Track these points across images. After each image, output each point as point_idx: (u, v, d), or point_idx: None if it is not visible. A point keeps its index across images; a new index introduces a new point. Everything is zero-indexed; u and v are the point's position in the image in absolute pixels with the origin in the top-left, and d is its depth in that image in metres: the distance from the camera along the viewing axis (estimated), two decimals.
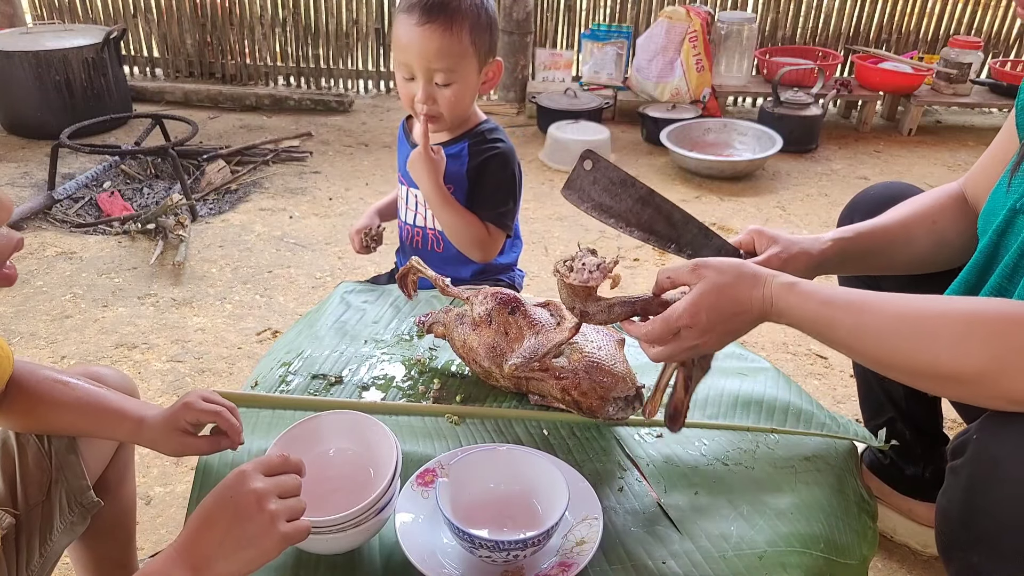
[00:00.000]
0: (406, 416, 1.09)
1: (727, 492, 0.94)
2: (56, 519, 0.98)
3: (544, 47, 4.39)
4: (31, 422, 0.96)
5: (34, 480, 0.96)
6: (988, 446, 0.79)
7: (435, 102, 1.36)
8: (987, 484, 0.78)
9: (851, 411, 1.88)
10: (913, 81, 3.91)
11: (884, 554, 1.47)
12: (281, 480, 0.74)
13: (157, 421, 0.94)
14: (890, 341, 0.82)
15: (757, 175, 3.48)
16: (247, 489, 0.71)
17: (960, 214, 1.15)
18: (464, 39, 1.33)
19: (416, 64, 1.33)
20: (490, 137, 1.46)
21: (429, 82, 1.34)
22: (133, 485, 1.22)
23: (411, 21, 1.30)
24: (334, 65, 4.50)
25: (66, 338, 2.18)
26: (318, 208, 3.08)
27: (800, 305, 0.87)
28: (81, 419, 0.95)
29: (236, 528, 0.70)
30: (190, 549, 0.70)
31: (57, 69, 3.55)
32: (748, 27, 4.00)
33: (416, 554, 0.82)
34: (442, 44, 1.30)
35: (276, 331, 2.22)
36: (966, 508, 0.80)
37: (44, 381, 0.94)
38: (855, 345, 0.86)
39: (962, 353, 0.77)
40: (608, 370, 1.01)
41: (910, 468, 1.44)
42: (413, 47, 1.31)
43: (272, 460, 0.76)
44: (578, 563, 0.81)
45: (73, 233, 2.82)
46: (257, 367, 1.21)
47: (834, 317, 0.86)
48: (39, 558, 0.96)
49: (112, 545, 1.20)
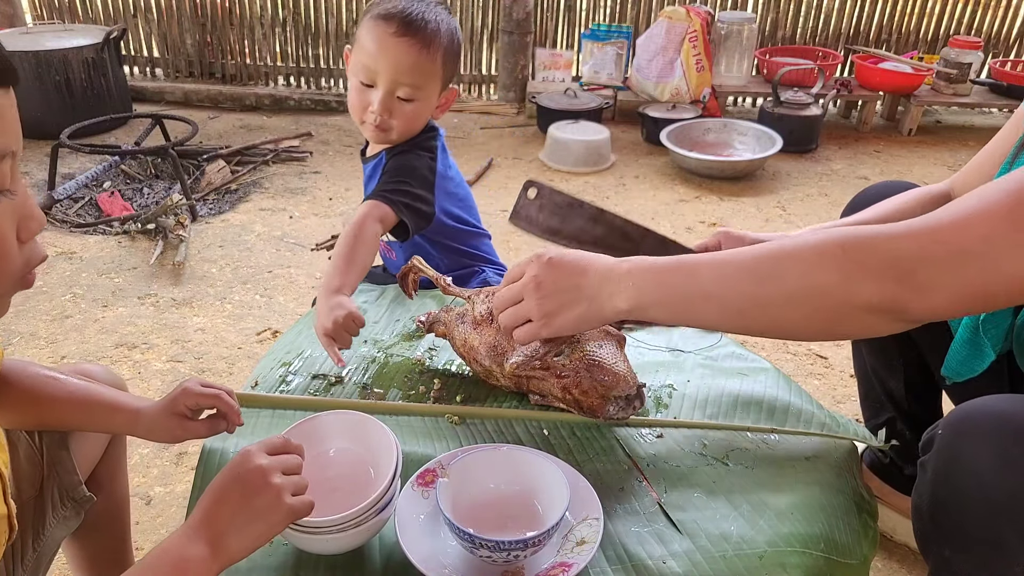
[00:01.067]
0: (406, 416, 1.09)
1: (727, 492, 0.94)
2: (48, 514, 0.99)
3: (544, 47, 4.39)
4: (23, 418, 0.96)
5: (26, 476, 0.97)
6: (950, 441, 0.79)
7: (390, 115, 1.35)
8: (949, 478, 0.78)
9: (851, 411, 1.88)
10: (913, 81, 3.91)
11: (884, 554, 1.47)
12: (284, 458, 0.76)
13: (153, 410, 0.95)
14: (749, 279, 0.82)
15: (757, 175, 3.48)
16: (253, 465, 0.73)
17: None
18: (437, 60, 1.33)
19: (383, 73, 1.32)
20: (404, 142, 1.42)
21: (391, 94, 1.33)
22: (126, 480, 1.23)
23: (388, 30, 1.29)
24: (334, 65, 4.50)
25: (66, 338, 2.18)
26: (318, 208, 3.08)
27: (653, 267, 0.87)
28: (75, 413, 0.95)
29: (246, 503, 0.72)
30: (205, 526, 0.71)
31: (57, 69, 3.55)
32: (748, 27, 4.00)
33: (416, 554, 0.82)
34: (416, 60, 1.31)
35: (276, 331, 2.22)
36: (933, 502, 0.81)
37: (35, 377, 0.95)
38: (715, 292, 0.84)
39: (816, 270, 0.78)
40: (609, 368, 1.01)
41: (910, 468, 1.45)
42: (386, 56, 1.30)
43: (274, 441, 0.78)
44: (578, 563, 0.81)
45: (73, 233, 2.82)
46: (257, 367, 1.21)
47: (694, 269, 0.85)
48: (32, 553, 0.97)
49: (107, 540, 1.21)
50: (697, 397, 1.13)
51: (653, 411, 1.10)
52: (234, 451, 0.99)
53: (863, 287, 0.76)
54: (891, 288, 0.75)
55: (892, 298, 0.75)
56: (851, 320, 0.80)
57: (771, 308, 0.82)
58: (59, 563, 1.37)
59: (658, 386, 1.15)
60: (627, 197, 3.24)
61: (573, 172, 3.47)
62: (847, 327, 0.84)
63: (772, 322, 0.84)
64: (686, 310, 0.87)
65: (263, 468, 0.73)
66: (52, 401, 0.95)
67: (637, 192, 3.30)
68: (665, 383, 1.15)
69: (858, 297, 0.77)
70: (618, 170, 3.52)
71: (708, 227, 2.99)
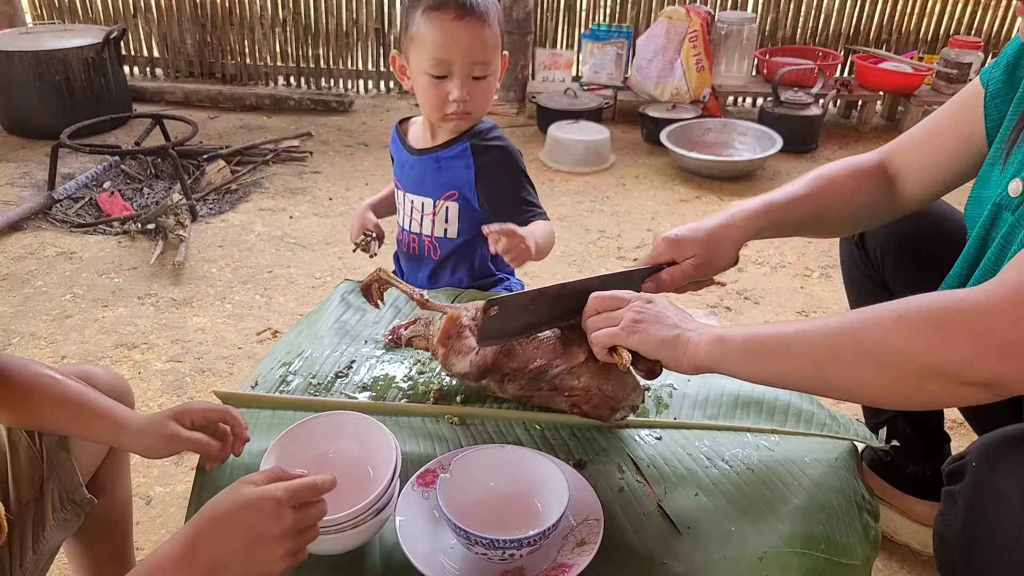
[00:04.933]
0: (406, 416, 1.09)
1: (727, 492, 0.94)
2: (49, 516, 0.98)
3: (544, 47, 4.39)
4: (19, 416, 0.96)
5: (26, 477, 0.97)
6: (988, 475, 0.77)
7: (471, 97, 1.37)
8: (988, 516, 0.76)
9: (851, 410, 1.88)
10: (913, 81, 3.91)
11: (884, 554, 1.46)
12: (307, 515, 0.75)
13: (142, 421, 0.94)
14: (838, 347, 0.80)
15: (757, 175, 3.48)
16: (272, 522, 0.71)
17: (878, 188, 1.16)
18: (496, 30, 1.36)
19: (458, 59, 1.33)
20: (490, 135, 1.46)
21: (468, 77, 1.35)
22: (128, 483, 1.23)
23: (447, 17, 1.30)
24: (334, 65, 4.50)
25: (66, 338, 2.18)
26: (318, 208, 3.08)
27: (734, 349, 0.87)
28: (65, 416, 0.95)
29: (249, 549, 0.71)
30: (201, 552, 0.70)
31: (57, 69, 3.55)
32: (748, 27, 3.99)
33: (416, 554, 0.82)
34: (482, 37, 1.33)
35: (276, 331, 2.22)
36: (965, 538, 0.78)
37: (34, 375, 0.94)
38: (796, 344, 0.83)
39: (904, 334, 0.75)
40: (620, 382, 1.00)
41: (911, 466, 1.44)
42: (455, 43, 1.31)
43: (304, 491, 0.75)
44: (578, 564, 0.81)
45: (73, 233, 2.82)
46: (257, 367, 1.21)
47: (785, 340, 0.84)
48: (32, 555, 0.96)
49: (108, 543, 1.20)
50: (697, 397, 1.13)
51: (653, 411, 1.10)
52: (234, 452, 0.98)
53: (952, 358, 0.73)
54: (990, 361, 0.71)
55: (990, 372, 0.72)
56: (937, 390, 0.76)
57: (851, 366, 0.80)
58: (60, 564, 1.37)
59: (658, 386, 1.14)
60: (627, 197, 3.24)
61: (573, 172, 3.47)
62: (932, 396, 0.79)
63: (853, 381, 0.81)
64: (766, 367, 0.87)
65: (283, 528, 0.72)
66: (46, 400, 0.94)
67: (637, 192, 3.29)
68: (665, 383, 1.15)
69: (947, 368, 0.73)
70: (618, 170, 3.52)
71: None
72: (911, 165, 1.14)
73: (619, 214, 3.08)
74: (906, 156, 1.16)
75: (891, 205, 1.17)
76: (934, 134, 1.13)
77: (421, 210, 1.51)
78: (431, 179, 1.48)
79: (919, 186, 1.14)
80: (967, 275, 1.03)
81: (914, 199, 1.16)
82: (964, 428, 1.72)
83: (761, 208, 1.11)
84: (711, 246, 1.08)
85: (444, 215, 1.49)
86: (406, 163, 1.53)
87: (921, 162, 1.13)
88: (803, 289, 2.53)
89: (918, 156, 1.14)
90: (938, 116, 1.13)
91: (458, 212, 1.48)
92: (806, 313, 2.39)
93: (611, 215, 3.07)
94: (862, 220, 1.21)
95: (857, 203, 1.15)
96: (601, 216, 3.06)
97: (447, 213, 1.49)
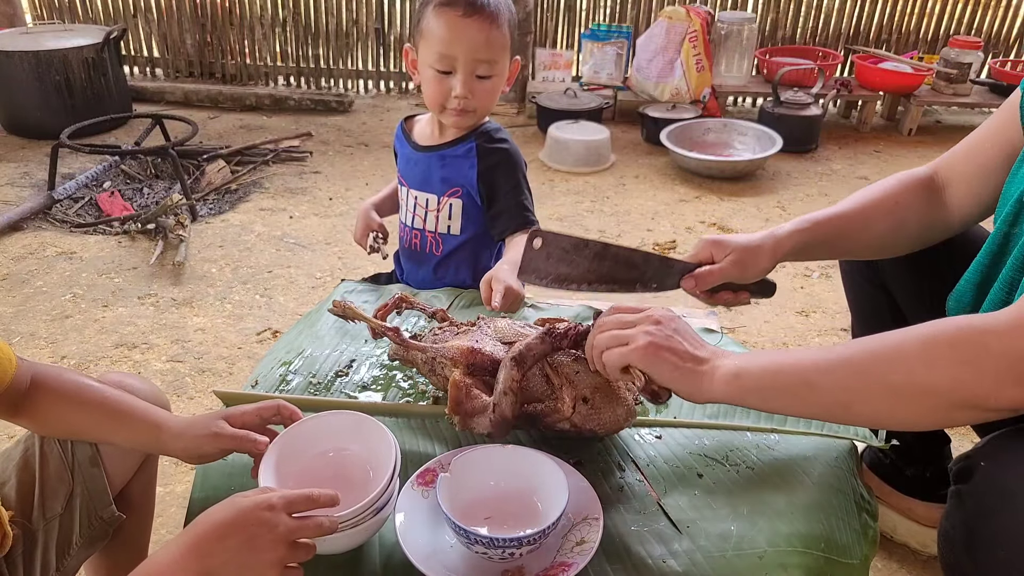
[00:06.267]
0: (406, 416, 1.09)
1: (727, 492, 0.94)
2: (75, 533, 0.97)
3: (544, 47, 4.39)
4: (55, 423, 0.95)
5: (53, 492, 0.95)
6: (997, 475, 0.77)
7: (473, 95, 1.38)
8: (997, 515, 0.75)
9: None
10: (913, 81, 3.91)
11: (884, 554, 1.47)
12: (302, 526, 0.74)
13: (181, 424, 0.93)
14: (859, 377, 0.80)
15: (757, 175, 3.48)
16: (265, 526, 0.72)
17: (923, 199, 1.14)
18: (505, 31, 1.36)
19: (461, 56, 1.34)
20: (496, 137, 1.47)
21: (471, 75, 1.36)
22: (154, 499, 1.21)
23: (455, 14, 1.31)
24: (334, 65, 4.50)
25: (66, 338, 2.18)
26: (318, 208, 3.08)
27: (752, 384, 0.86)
28: (103, 419, 0.93)
29: (243, 554, 0.71)
30: (196, 559, 0.70)
31: (57, 69, 3.55)
32: (748, 27, 4.00)
33: (416, 554, 0.82)
34: (489, 36, 1.33)
35: (276, 331, 2.22)
36: (972, 537, 0.78)
37: (69, 381, 0.93)
38: (819, 382, 0.83)
39: (930, 368, 0.76)
40: (612, 416, 0.98)
41: (911, 468, 1.44)
42: (460, 39, 1.32)
43: (299, 500, 0.75)
44: (578, 563, 0.81)
45: (73, 233, 2.82)
46: (257, 367, 1.21)
47: (803, 375, 0.84)
48: (56, 572, 0.95)
49: (128, 554, 1.18)
50: None
51: (653, 411, 1.10)
52: (235, 457, 0.98)
53: (980, 391, 0.74)
54: (1017, 392, 0.73)
55: (1017, 400, 0.73)
56: (965, 418, 0.79)
57: (879, 405, 0.80)
58: None
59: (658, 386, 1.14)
60: (627, 197, 3.24)
61: (573, 172, 3.47)
62: (960, 422, 0.82)
63: (881, 416, 0.83)
64: (788, 404, 0.87)
65: (276, 535, 0.71)
66: (83, 406, 0.93)
67: (637, 192, 3.29)
68: None
69: (975, 400, 0.75)
70: (618, 170, 3.52)
71: (708, 227, 2.99)
72: (959, 174, 1.13)
73: (619, 214, 3.08)
74: (954, 165, 1.14)
75: (940, 216, 1.14)
76: (981, 142, 1.12)
77: (425, 206, 1.51)
78: (436, 175, 1.49)
79: (968, 195, 1.12)
80: (989, 271, 1.02)
81: (964, 209, 1.13)
82: (964, 428, 1.72)
83: (804, 224, 1.13)
84: (749, 249, 1.11)
85: (448, 211, 1.50)
86: (411, 159, 1.54)
87: (969, 170, 1.11)
88: (803, 289, 2.53)
89: (965, 164, 1.13)
90: (986, 124, 1.12)
91: (462, 208, 1.49)
92: (806, 313, 2.39)
93: (611, 215, 3.07)
94: (912, 234, 1.17)
95: (900, 216, 1.14)
96: (601, 216, 3.06)
97: (451, 209, 1.50)
